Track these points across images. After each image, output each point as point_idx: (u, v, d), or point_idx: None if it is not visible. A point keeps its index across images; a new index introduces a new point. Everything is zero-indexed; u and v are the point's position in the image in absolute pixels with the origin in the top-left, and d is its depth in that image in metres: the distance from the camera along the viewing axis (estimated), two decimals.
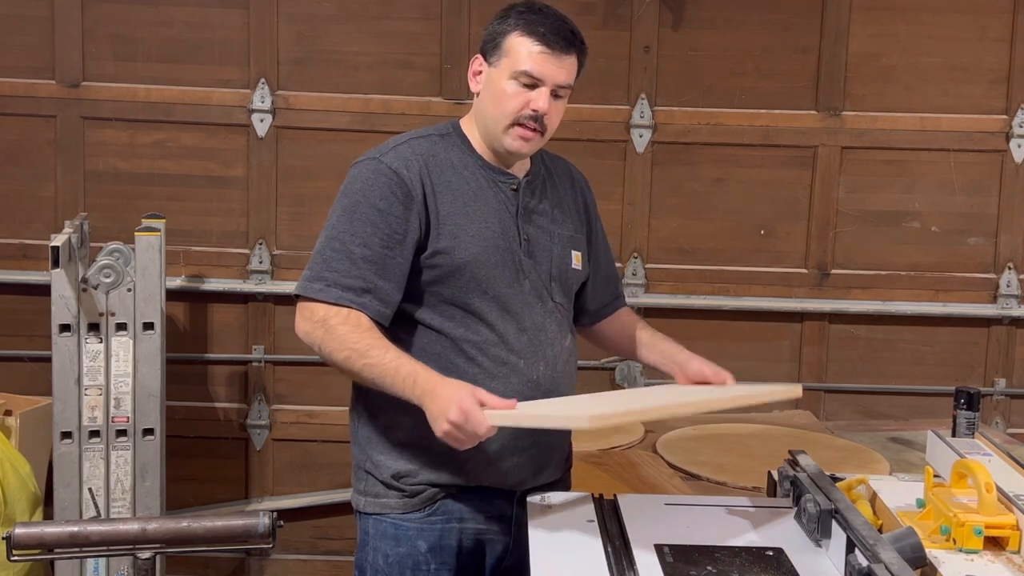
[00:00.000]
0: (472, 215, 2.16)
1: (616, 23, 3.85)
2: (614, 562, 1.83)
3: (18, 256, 3.90)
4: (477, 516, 2.20)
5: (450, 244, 2.13)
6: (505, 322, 2.16)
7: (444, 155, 2.19)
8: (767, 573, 1.81)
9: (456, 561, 2.20)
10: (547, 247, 2.24)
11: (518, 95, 2.13)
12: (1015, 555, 1.83)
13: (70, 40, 3.83)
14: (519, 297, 2.18)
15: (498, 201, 2.19)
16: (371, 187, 2.12)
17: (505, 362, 2.15)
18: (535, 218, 2.23)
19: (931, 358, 4.00)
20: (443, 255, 2.13)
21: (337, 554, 4.04)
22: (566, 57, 2.14)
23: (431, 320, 2.15)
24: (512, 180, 2.22)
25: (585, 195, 2.39)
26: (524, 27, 2.13)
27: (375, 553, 2.20)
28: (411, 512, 2.18)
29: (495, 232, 2.17)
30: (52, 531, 2.00)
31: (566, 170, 2.38)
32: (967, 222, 3.96)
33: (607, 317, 2.47)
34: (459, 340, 2.14)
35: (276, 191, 3.92)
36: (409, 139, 2.21)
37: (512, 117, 2.14)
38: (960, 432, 2.74)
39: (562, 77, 2.14)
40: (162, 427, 3.51)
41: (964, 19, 3.89)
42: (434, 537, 2.18)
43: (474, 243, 2.14)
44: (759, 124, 3.91)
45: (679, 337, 2.39)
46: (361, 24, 3.87)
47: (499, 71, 2.15)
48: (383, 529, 2.19)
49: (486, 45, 2.19)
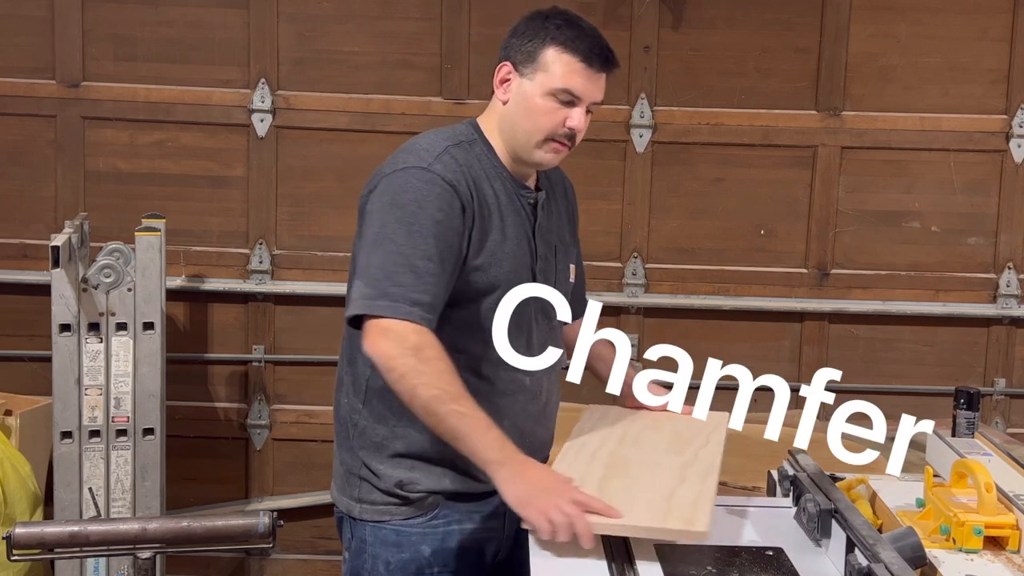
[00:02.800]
0: (506, 232, 2.12)
1: (616, 23, 3.85)
2: (614, 562, 1.83)
3: (18, 256, 3.90)
4: (474, 516, 2.20)
5: (487, 261, 2.09)
6: (519, 340, 2.14)
7: (478, 165, 2.13)
8: (767, 573, 1.82)
9: (457, 563, 2.19)
10: (553, 264, 2.23)
11: (555, 112, 2.08)
12: (1015, 555, 1.83)
13: (70, 40, 3.83)
14: (531, 314, 2.16)
15: (519, 216, 2.15)
16: (426, 198, 2.01)
17: (515, 380, 2.14)
18: (545, 235, 2.21)
19: (931, 358, 4.00)
20: (479, 272, 2.08)
21: (337, 554, 4.00)
22: (604, 76, 2.12)
23: (450, 336, 2.04)
24: (530, 194, 2.18)
25: (574, 204, 2.38)
26: (565, 43, 2.07)
27: (374, 560, 2.17)
28: (413, 518, 2.16)
29: (522, 250, 2.14)
30: (52, 531, 2.00)
31: (560, 179, 2.35)
32: (967, 222, 3.96)
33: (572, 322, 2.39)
34: (476, 358, 2.10)
35: (276, 191, 3.92)
36: (447, 146, 2.11)
37: (547, 133, 2.09)
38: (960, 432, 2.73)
39: (599, 95, 2.12)
40: (162, 427, 3.51)
41: (964, 19, 3.89)
42: (437, 541, 2.16)
43: (507, 261, 2.11)
44: (759, 124, 3.91)
45: (679, 337, 2.39)
46: (361, 24, 3.87)
47: (534, 84, 2.09)
48: (383, 536, 2.16)
49: (517, 55, 2.11)
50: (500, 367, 2.12)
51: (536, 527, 1.86)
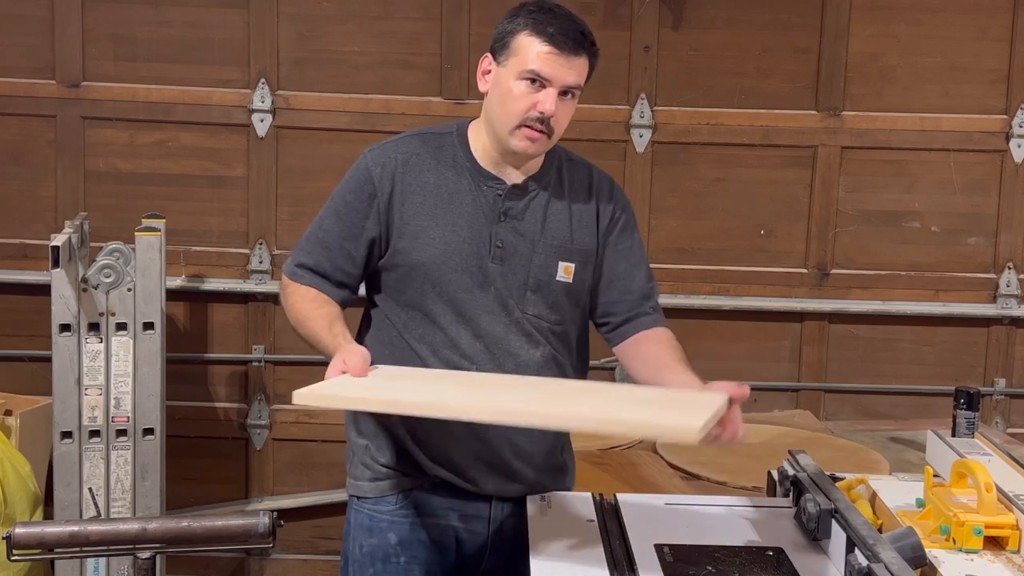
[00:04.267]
0: (439, 218, 2.15)
1: (616, 23, 3.85)
2: (614, 562, 1.83)
3: (18, 256, 3.90)
4: (451, 514, 2.21)
5: (409, 245, 2.15)
6: (459, 327, 2.14)
7: (430, 155, 2.18)
8: (767, 573, 1.82)
9: (428, 556, 2.21)
10: (526, 255, 2.17)
11: (525, 96, 2.09)
12: (1015, 555, 1.83)
13: (70, 40, 3.83)
14: (477, 303, 2.14)
15: (475, 205, 2.16)
16: (348, 180, 2.21)
17: (457, 365, 2.14)
18: (516, 224, 2.17)
19: (931, 358, 4.00)
20: (401, 255, 2.16)
21: (337, 554, 4.02)
22: (575, 58, 2.09)
23: (393, 315, 2.20)
24: (499, 185, 2.17)
25: (601, 205, 2.27)
26: (533, 26, 2.09)
27: (353, 543, 2.26)
28: (383, 498, 2.21)
29: (460, 236, 2.14)
30: (52, 531, 2.00)
31: (585, 178, 2.28)
32: (967, 222, 3.96)
33: (631, 337, 2.24)
34: (413, 340, 2.17)
35: (276, 191, 3.92)
36: (401, 138, 2.24)
37: (519, 118, 2.10)
38: (960, 432, 2.74)
39: (571, 78, 2.10)
40: (162, 427, 3.51)
41: (964, 19, 3.89)
42: (404, 530, 2.20)
43: (433, 246, 2.14)
44: (759, 124, 3.91)
45: (679, 337, 2.33)
46: (361, 24, 3.88)
47: (507, 71, 2.11)
48: (360, 520, 2.24)
49: (495, 44, 2.15)
50: (438, 351, 2.15)
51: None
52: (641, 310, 2.26)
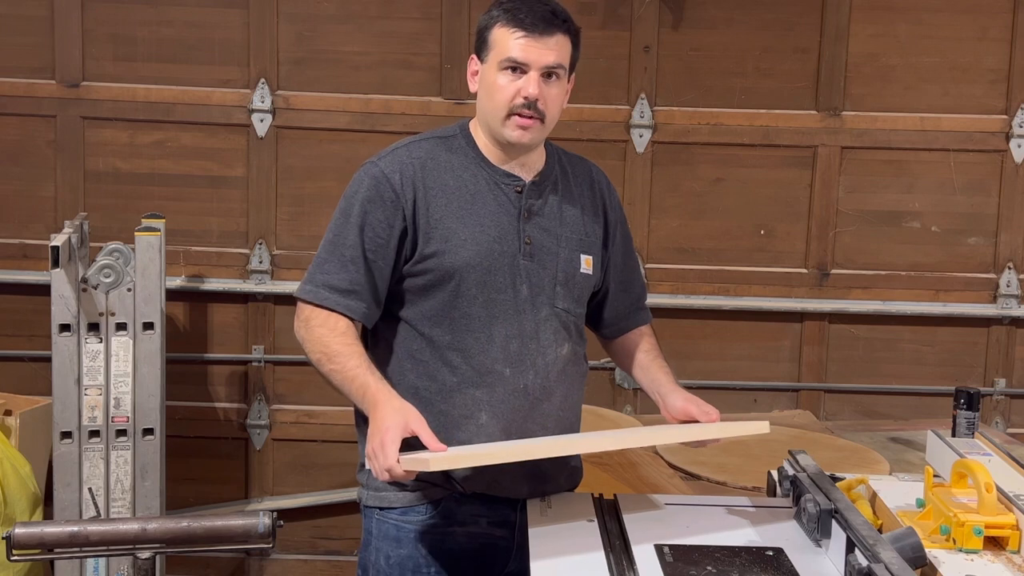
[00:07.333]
0: (467, 218, 2.14)
1: (616, 23, 3.85)
2: (614, 562, 1.83)
3: (18, 256, 3.90)
4: (480, 521, 2.19)
5: (441, 248, 2.12)
6: (494, 328, 2.13)
7: (444, 158, 2.18)
8: (767, 573, 1.81)
9: (458, 565, 2.19)
10: (553, 249, 2.19)
11: (508, 85, 2.11)
12: (1015, 555, 1.83)
13: (70, 40, 3.83)
14: (513, 302, 2.15)
15: (498, 203, 2.17)
16: (364, 191, 2.14)
17: (490, 370, 2.12)
18: (540, 220, 2.19)
19: (931, 358, 4.00)
20: (433, 259, 2.12)
21: (337, 554, 4.04)
22: (549, 38, 2.11)
23: (419, 325, 2.14)
24: (517, 182, 2.19)
25: (605, 199, 2.32)
26: (504, 17, 2.12)
27: (377, 554, 2.19)
28: (412, 508, 2.16)
29: (491, 236, 2.14)
30: (52, 531, 2.00)
31: (585, 171, 2.32)
32: (967, 222, 3.96)
33: (626, 333, 2.37)
34: (444, 347, 2.13)
35: (276, 191, 3.92)
36: (410, 143, 2.21)
37: (506, 108, 2.11)
38: (960, 432, 2.74)
39: (550, 58, 2.11)
40: (162, 427, 3.51)
41: (964, 19, 3.89)
42: (435, 541, 2.17)
43: (466, 247, 2.12)
44: (759, 124, 3.92)
45: (679, 337, 2.36)
46: (361, 24, 3.88)
47: (489, 65, 2.14)
48: (385, 530, 2.18)
49: (477, 43, 2.18)
50: (471, 356, 2.12)
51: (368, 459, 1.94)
52: (639, 307, 2.38)
